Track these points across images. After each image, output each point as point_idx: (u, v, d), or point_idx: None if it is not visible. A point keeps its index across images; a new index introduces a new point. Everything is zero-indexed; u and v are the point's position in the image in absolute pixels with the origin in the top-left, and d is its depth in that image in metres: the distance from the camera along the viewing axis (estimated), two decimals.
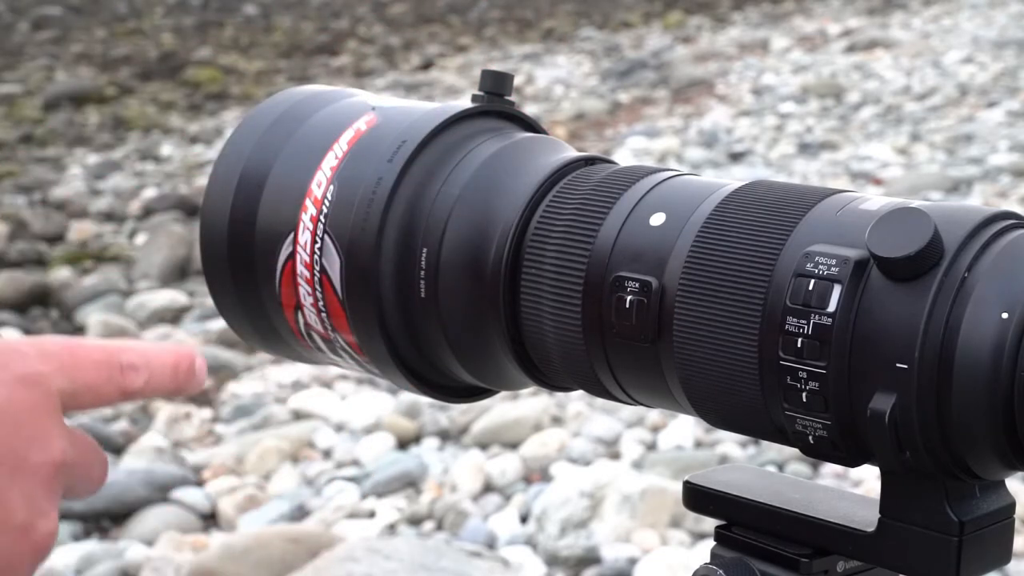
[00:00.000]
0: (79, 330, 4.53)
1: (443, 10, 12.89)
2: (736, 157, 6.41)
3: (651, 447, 3.29)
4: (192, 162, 7.17)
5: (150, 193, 6.44)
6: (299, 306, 0.79)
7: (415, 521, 3.02)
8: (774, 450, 3.12)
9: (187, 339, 4.39)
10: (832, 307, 0.63)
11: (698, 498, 0.75)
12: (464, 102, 0.80)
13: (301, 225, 0.78)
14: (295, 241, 0.79)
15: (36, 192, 6.57)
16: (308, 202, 0.78)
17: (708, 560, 0.72)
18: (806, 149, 6.49)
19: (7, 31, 11.83)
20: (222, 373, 4.07)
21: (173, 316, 4.70)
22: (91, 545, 2.99)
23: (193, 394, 0.71)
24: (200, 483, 3.28)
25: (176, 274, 5.18)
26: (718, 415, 0.70)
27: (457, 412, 3.51)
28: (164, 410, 3.75)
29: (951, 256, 0.62)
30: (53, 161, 7.26)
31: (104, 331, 4.31)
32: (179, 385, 0.67)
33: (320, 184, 0.78)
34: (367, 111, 0.81)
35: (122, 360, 0.64)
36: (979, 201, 5.16)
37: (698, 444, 3.28)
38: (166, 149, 7.51)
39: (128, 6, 13.52)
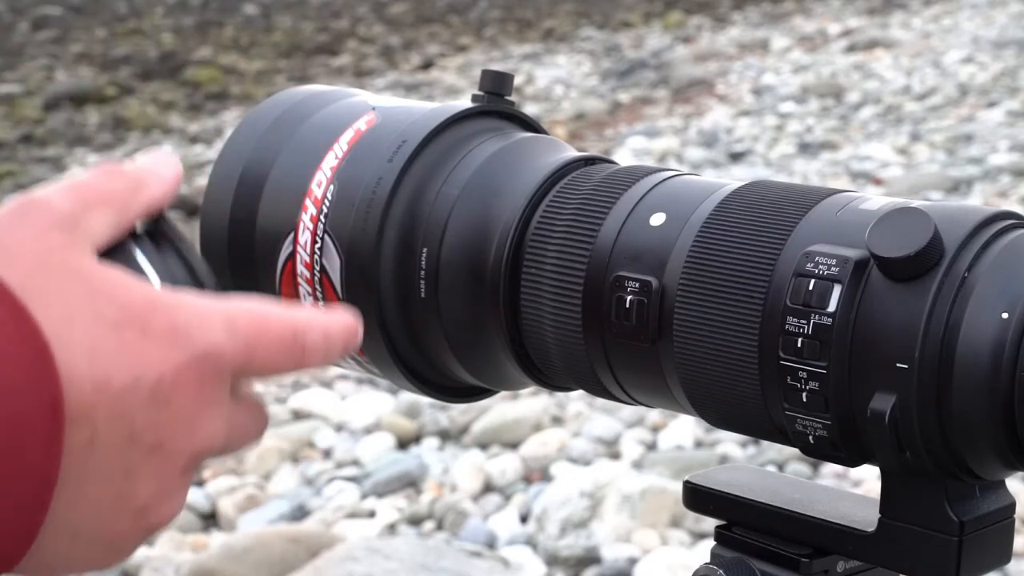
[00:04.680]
0: None
1: (443, 10, 12.89)
2: (736, 157, 6.41)
3: (651, 447, 3.29)
4: (192, 162, 7.17)
5: None
6: None
7: (415, 521, 3.02)
8: (774, 450, 3.12)
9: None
10: (832, 307, 0.63)
11: (698, 498, 0.75)
12: (464, 102, 0.80)
13: (301, 225, 0.78)
14: (295, 241, 0.79)
15: None
16: (308, 202, 0.78)
17: (708, 560, 0.72)
18: (806, 149, 6.49)
19: (7, 31, 11.83)
20: None
21: None
22: None
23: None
24: (200, 483, 3.28)
25: None
26: (718, 415, 0.70)
27: (457, 412, 3.51)
28: None
29: (951, 256, 0.62)
30: (53, 161, 7.26)
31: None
32: (342, 357, 0.65)
33: (320, 184, 0.78)
34: (367, 111, 0.81)
35: (307, 341, 0.61)
36: (979, 201, 5.16)
37: (698, 444, 3.28)
38: (166, 149, 7.51)
39: (128, 6, 13.52)
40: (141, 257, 0.61)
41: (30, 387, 0.50)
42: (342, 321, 0.63)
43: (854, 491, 0.86)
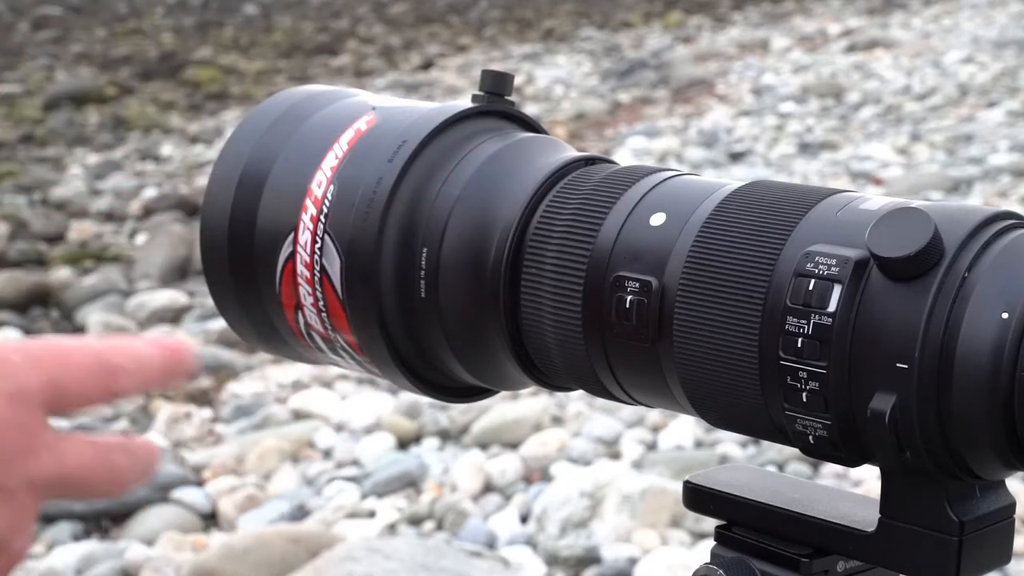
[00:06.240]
0: (79, 330, 4.53)
1: (443, 10, 12.89)
2: (736, 157, 6.41)
3: (651, 447, 3.29)
4: (192, 162, 7.17)
5: (150, 193, 6.44)
6: (299, 306, 0.79)
7: (415, 521, 3.03)
8: (774, 450, 3.12)
9: (188, 339, 4.38)
10: (832, 307, 0.63)
11: (698, 498, 0.75)
12: (464, 102, 0.80)
13: (301, 225, 0.78)
14: (295, 241, 0.79)
15: (36, 192, 6.57)
16: (308, 202, 0.78)
17: (708, 560, 0.72)
18: (806, 149, 6.49)
19: (7, 31, 11.83)
20: (222, 373, 4.07)
21: (173, 316, 4.70)
22: (91, 545, 2.99)
23: (180, 387, 0.69)
24: (200, 483, 3.28)
25: (176, 274, 5.18)
26: (718, 415, 0.70)
27: (457, 412, 3.51)
28: (164, 410, 3.75)
29: (951, 256, 0.62)
30: (53, 161, 7.26)
31: (104, 331, 4.31)
32: (168, 382, 0.67)
33: (320, 184, 0.78)
34: (367, 111, 0.81)
35: (112, 363, 0.63)
36: (979, 201, 5.16)
37: (698, 444, 3.28)
38: (166, 149, 7.51)
39: (128, 6, 13.52)
40: None
41: None
42: (160, 341, 0.66)
43: (854, 491, 0.86)
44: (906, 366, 0.61)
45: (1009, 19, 9.76)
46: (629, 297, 0.70)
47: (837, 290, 0.63)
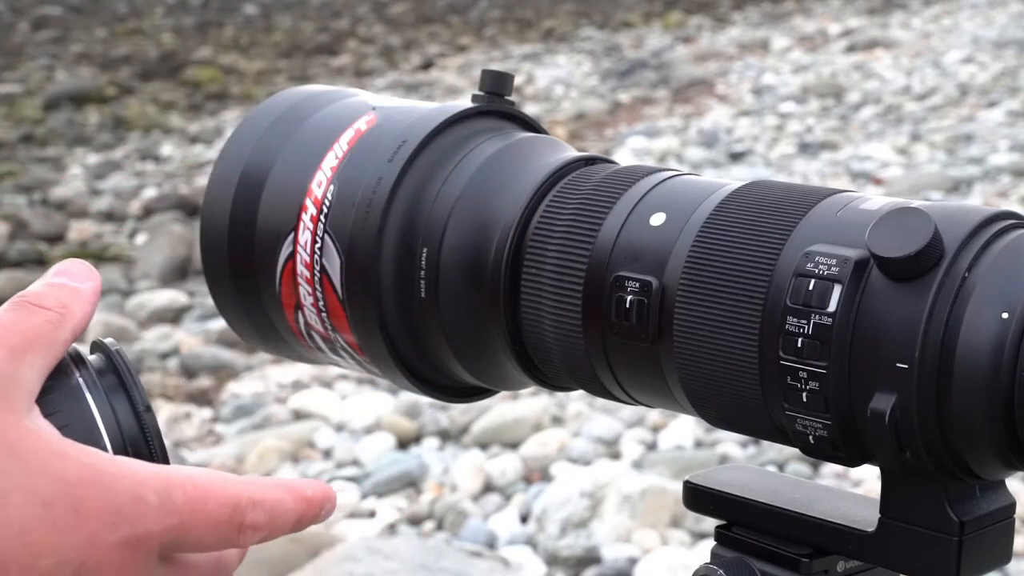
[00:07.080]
0: None
1: (443, 10, 12.89)
2: (736, 157, 6.41)
3: (651, 447, 3.29)
4: (192, 162, 7.17)
5: (150, 193, 6.45)
6: (299, 306, 0.79)
7: (415, 521, 3.03)
8: (774, 450, 3.12)
9: (188, 339, 4.38)
10: (832, 307, 0.63)
11: (698, 498, 0.75)
12: (464, 102, 0.80)
13: (301, 225, 0.78)
14: (295, 241, 0.79)
15: (36, 192, 6.57)
16: (308, 202, 0.78)
17: (708, 560, 0.72)
18: (806, 149, 6.50)
19: (7, 31, 11.83)
20: (222, 373, 4.07)
21: (173, 316, 4.70)
22: None
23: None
24: None
25: (176, 274, 5.18)
26: (718, 415, 0.70)
27: (457, 412, 3.51)
28: (165, 410, 3.75)
29: (951, 256, 0.62)
30: (53, 161, 7.26)
31: (104, 331, 4.31)
32: (296, 531, 0.64)
33: (320, 184, 0.78)
34: (367, 111, 0.81)
35: (246, 520, 0.60)
36: (979, 201, 5.16)
37: (698, 444, 3.28)
38: (166, 149, 7.51)
39: (128, 6, 13.52)
40: (88, 397, 0.61)
41: None
42: (304, 491, 0.62)
43: (854, 491, 0.86)
44: (906, 366, 0.61)
45: (1009, 19, 9.76)
46: (629, 297, 0.70)
47: (837, 290, 0.63)
